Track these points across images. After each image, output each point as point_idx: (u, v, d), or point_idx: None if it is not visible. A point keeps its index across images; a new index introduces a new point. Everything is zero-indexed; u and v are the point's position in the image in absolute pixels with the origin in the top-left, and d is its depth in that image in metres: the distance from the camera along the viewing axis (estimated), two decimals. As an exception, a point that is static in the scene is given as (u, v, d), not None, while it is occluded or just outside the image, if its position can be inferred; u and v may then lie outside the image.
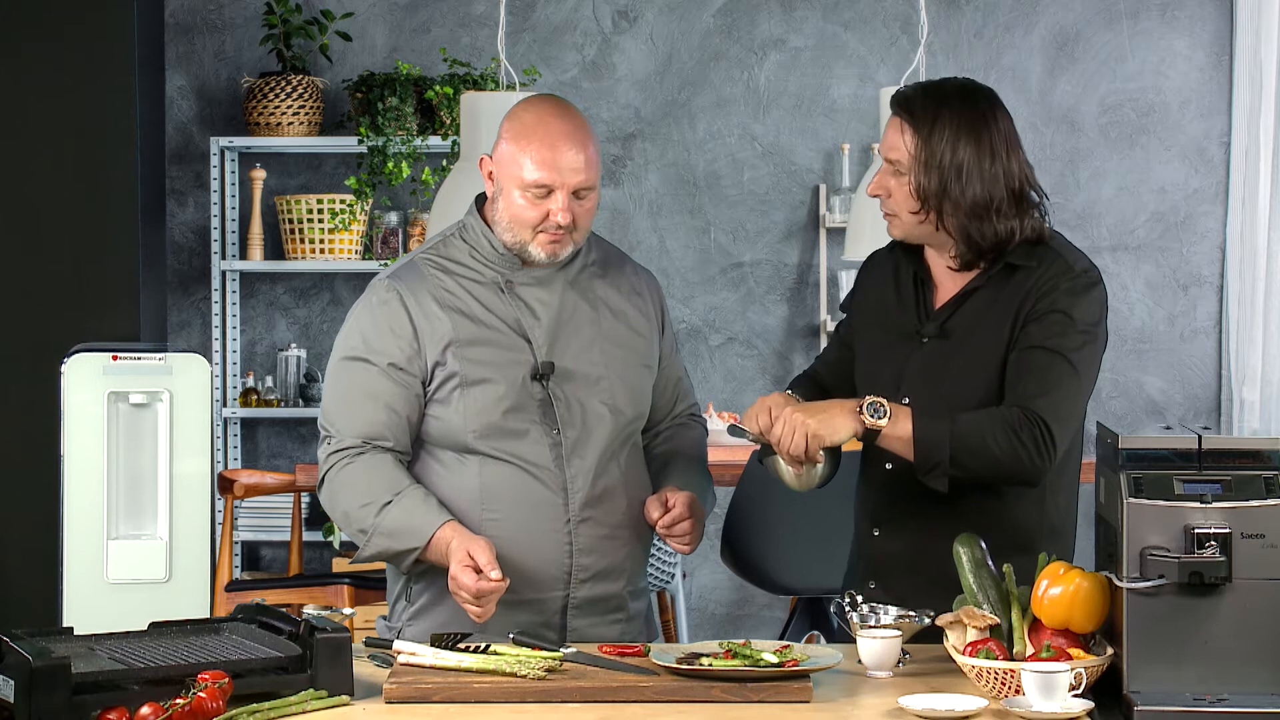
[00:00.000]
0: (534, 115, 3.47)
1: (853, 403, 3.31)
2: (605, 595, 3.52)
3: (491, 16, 6.94)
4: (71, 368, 4.06)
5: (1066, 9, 7.00)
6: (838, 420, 3.30)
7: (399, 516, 3.40)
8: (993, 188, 3.35)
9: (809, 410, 3.32)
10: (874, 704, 2.97)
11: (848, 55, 7.03)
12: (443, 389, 3.47)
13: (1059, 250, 3.41)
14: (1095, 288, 3.39)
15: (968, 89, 3.43)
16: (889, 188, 3.41)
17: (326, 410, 3.55)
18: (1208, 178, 7.00)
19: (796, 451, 3.30)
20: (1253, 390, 6.85)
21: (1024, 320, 3.36)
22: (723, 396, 7.03)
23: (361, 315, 3.54)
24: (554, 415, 3.48)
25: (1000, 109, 3.42)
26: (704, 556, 6.97)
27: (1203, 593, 2.92)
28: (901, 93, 3.44)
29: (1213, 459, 2.99)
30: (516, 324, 3.49)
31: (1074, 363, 3.32)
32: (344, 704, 2.98)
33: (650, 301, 3.66)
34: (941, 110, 3.37)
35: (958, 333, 3.42)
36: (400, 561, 3.43)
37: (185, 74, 7.11)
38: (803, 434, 3.29)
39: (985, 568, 3.16)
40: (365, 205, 6.86)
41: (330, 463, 3.49)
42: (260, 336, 7.17)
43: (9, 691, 2.80)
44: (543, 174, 3.41)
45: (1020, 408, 3.29)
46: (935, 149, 3.35)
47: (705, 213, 7.08)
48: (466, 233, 3.56)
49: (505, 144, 3.46)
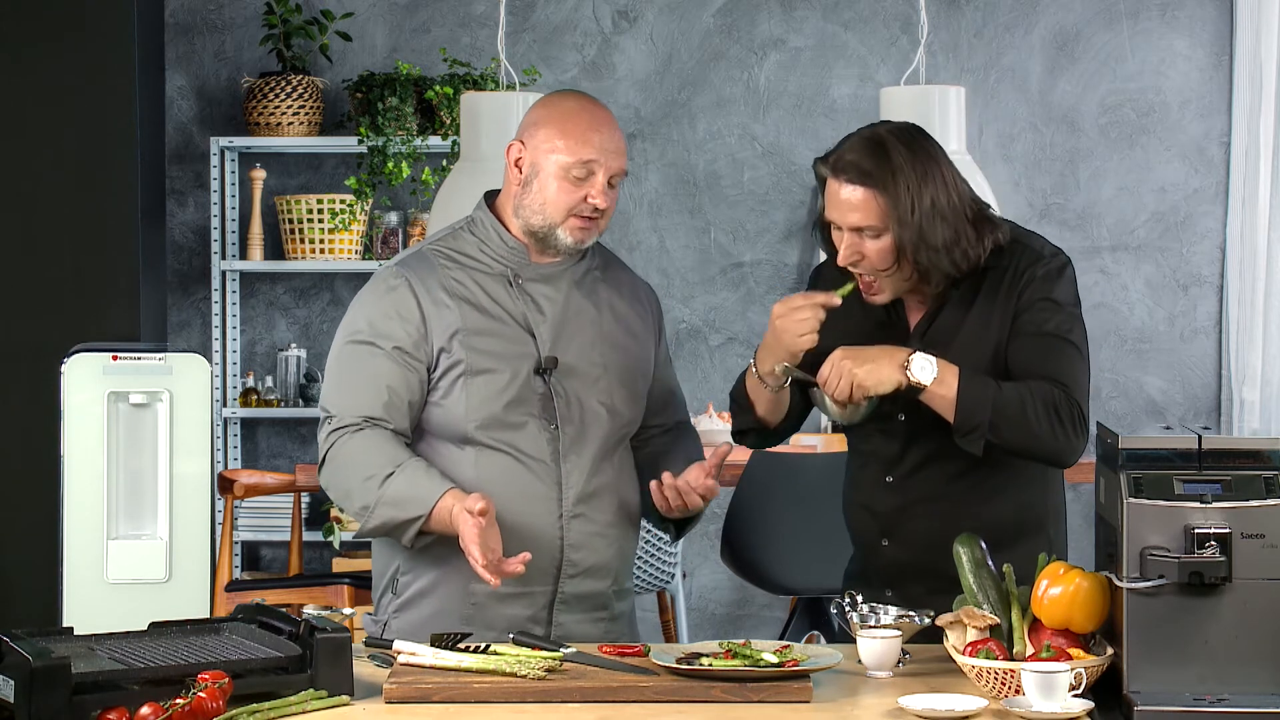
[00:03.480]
0: (575, 102, 3.52)
1: (902, 354, 3.31)
2: (592, 592, 3.54)
3: (491, 16, 6.94)
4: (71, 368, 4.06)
5: (1066, 9, 7.00)
6: (884, 372, 3.30)
7: (402, 486, 3.40)
8: (956, 219, 3.34)
9: (858, 358, 3.32)
10: (874, 704, 2.97)
11: (848, 55, 7.04)
12: (446, 377, 3.48)
13: (1023, 241, 3.44)
14: (1066, 268, 3.44)
15: (902, 130, 3.39)
16: (862, 251, 3.37)
17: (327, 393, 3.56)
18: (1208, 178, 7.00)
19: (841, 396, 3.32)
20: (1253, 390, 6.85)
21: (1014, 312, 3.38)
22: (722, 396, 7.03)
23: (367, 301, 3.54)
24: (553, 410, 3.50)
25: (932, 139, 3.40)
26: (704, 556, 6.97)
27: (1203, 593, 2.92)
28: (842, 159, 3.36)
29: (1213, 459, 2.99)
30: (522, 318, 3.51)
31: (1076, 344, 3.38)
32: (344, 704, 2.98)
33: (649, 310, 3.69)
34: (894, 160, 3.32)
35: (940, 342, 3.42)
36: (404, 532, 3.42)
37: (185, 74, 7.11)
38: (849, 381, 3.31)
39: (985, 568, 3.16)
40: (365, 205, 6.86)
41: (330, 441, 3.50)
42: (260, 336, 7.17)
43: (9, 691, 2.80)
44: (588, 153, 3.45)
45: (1057, 386, 3.32)
46: (903, 201, 3.31)
47: (705, 213, 7.08)
48: (476, 227, 3.59)
49: (545, 127, 3.48)
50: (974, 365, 3.37)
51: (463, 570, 3.40)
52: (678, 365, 7.05)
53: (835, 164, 3.37)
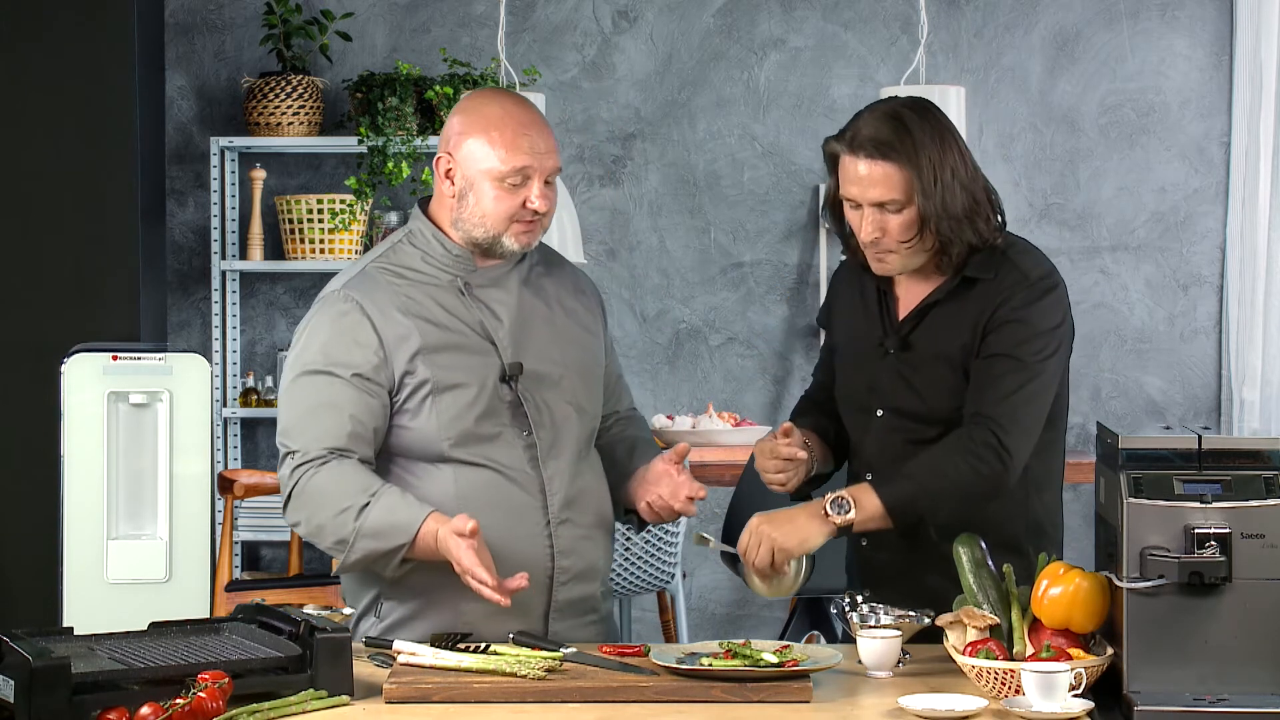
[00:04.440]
0: (496, 107, 3.42)
1: (816, 505, 3.32)
2: (584, 596, 3.50)
3: (491, 16, 6.93)
4: (71, 368, 4.07)
5: (1066, 9, 7.00)
6: (806, 529, 3.31)
7: (381, 516, 3.30)
8: (974, 188, 3.36)
9: (774, 521, 3.32)
10: (874, 704, 2.97)
11: (848, 55, 7.03)
12: (412, 398, 3.40)
13: (1015, 259, 3.41)
14: (1052, 293, 3.40)
15: (915, 105, 3.39)
16: (885, 226, 3.36)
17: (286, 428, 3.41)
18: (1208, 178, 7.00)
19: (762, 564, 3.32)
20: (1253, 390, 6.85)
21: (984, 331, 3.37)
22: (723, 396, 7.03)
23: (318, 328, 3.43)
24: (525, 417, 3.44)
25: (942, 112, 3.42)
26: (704, 556, 6.97)
27: (1203, 593, 2.92)
28: (862, 135, 3.35)
29: (1213, 459, 2.99)
30: (480, 326, 3.44)
31: (1031, 366, 3.34)
32: (344, 704, 2.98)
33: (594, 300, 3.65)
34: (915, 134, 3.33)
35: (920, 345, 3.43)
36: (387, 563, 3.34)
37: (185, 74, 7.11)
38: (769, 547, 3.31)
39: (985, 568, 3.16)
40: (365, 205, 6.86)
41: (295, 477, 3.36)
42: (260, 336, 7.17)
43: (9, 691, 2.80)
44: (521, 160, 3.37)
45: (972, 423, 3.32)
46: (928, 173, 3.32)
47: (705, 213, 7.08)
48: (416, 238, 3.49)
49: (471, 139, 3.40)
50: (951, 372, 3.38)
51: (451, 591, 3.34)
52: (678, 365, 7.06)
53: (852, 140, 3.35)
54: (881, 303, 3.49)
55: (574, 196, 6.87)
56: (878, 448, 3.47)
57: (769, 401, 7.04)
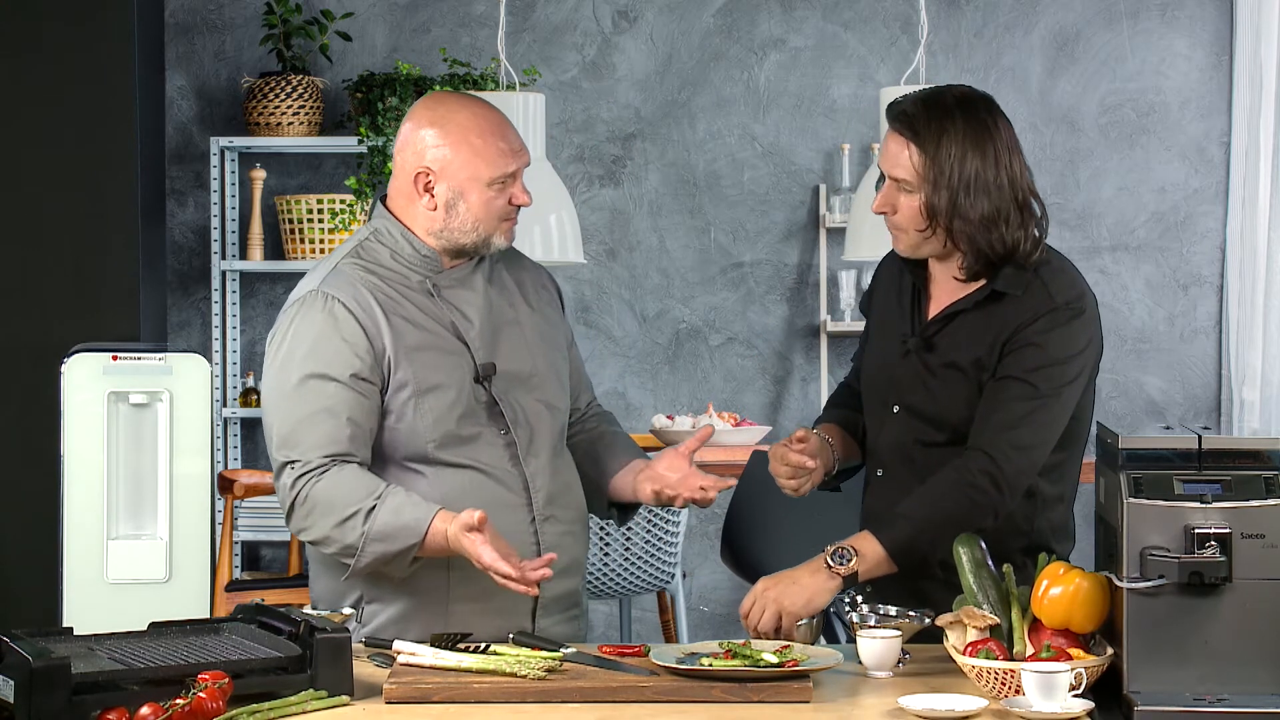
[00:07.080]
0: (467, 113, 3.44)
1: (818, 560, 3.28)
2: (568, 591, 3.51)
3: (491, 16, 6.94)
4: (71, 368, 4.07)
5: (1066, 9, 7.00)
6: (811, 588, 3.27)
7: (388, 519, 3.29)
8: (1000, 199, 3.31)
9: (778, 583, 3.29)
10: (874, 704, 2.97)
11: (848, 55, 7.04)
12: (397, 398, 3.39)
13: (1046, 280, 3.36)
14: (1078, 319, 3.35)
15: (968, 98, 3.36)
16: (896, 204, 3.36)
17: (284, 437, 3.36)
18: (1208, 178, 7.00)
19: (766, 629, 3.28)
20: (1253, 390, 6.85)
21: (1002, 350, 3.34)
22: (723, 396, 7.03)
23: (303, 331, 3.39)
24: (501, 416, 3.44)
25: (1000, 116, 3.37)
26: (704, 556, 6.97)
27: (1203, 593, 2.92)
28: (900, 108, 3.36)
29: (1213, 459, 2.99)
30: (452, 327, 3.44)
31: (1044, 392, 3.31)
32: (344, 704, 2.98)
33: (554, 293, 3.65)
34: (946, 124, 3.30)
35: (942, 348, 3.41)
36: (399, 565, 3.33)
37: (185, 74, 7.11)
38: (774, 611, 3.28)
39: (985, 568, 3.16)
40: (365, 205, 6.86)
41: (296, 488, 3.33)
42: (260, 336, 7.16)
43: (9, 691, 2.80)
44: (506, 164, 3.42)
45: (971, 454, 3.30)
46: (944, 166, 3.29)
47: (705, 213, 7.08)
48: (383, 236, 3.48)
49: (451, 149, 3.41)
50: (966, 381, 3.36)
51: (438, 591, 3.37)
52: (677, 365, 7.06)
53: (892, 110, 3.37)
54: (915, 299, 3.48)
55: (574, 196, 6.87)
56: (891, 444, 3.46)
57: (769, 401, 7.04)
